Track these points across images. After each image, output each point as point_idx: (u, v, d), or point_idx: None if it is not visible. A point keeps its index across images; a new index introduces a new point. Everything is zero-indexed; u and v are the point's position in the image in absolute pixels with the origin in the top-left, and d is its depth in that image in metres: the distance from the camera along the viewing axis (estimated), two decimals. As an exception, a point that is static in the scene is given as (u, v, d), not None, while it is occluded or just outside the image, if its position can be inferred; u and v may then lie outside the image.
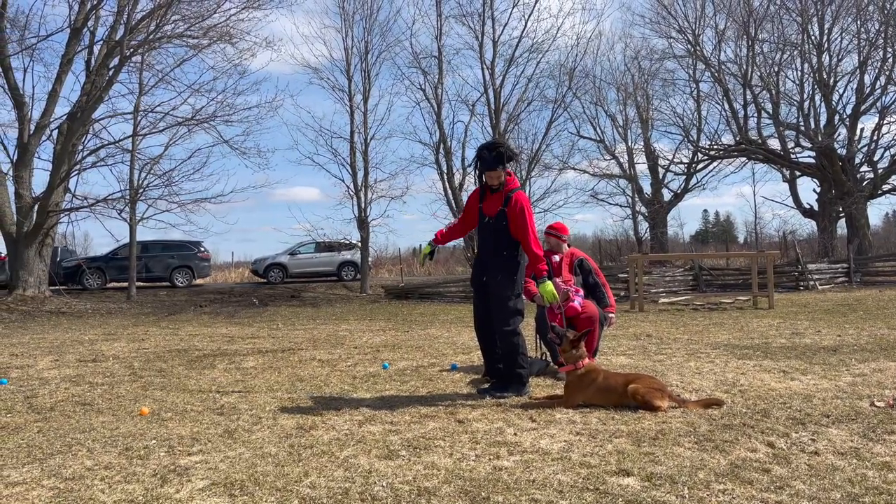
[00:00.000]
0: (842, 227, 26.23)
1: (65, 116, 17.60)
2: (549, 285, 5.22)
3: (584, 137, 29.55)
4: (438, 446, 3.82)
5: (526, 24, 24.39)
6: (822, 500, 2.88)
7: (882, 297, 14.69)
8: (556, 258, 6.53)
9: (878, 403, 4.56)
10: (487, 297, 5.32)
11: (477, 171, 5.31)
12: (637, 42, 41.31)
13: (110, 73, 17.42)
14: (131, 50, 17.08)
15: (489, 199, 5.29)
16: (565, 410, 4.58)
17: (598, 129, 29.61)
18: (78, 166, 17.96)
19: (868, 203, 24.98)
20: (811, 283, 18.12)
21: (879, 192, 25.02)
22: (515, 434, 4.04)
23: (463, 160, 24.41)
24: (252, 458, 3.69)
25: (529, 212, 5.23)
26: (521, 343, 5.23)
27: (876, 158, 24.89)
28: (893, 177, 24.77)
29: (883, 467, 3.27)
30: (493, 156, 5.14)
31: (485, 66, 23.84)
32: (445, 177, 23.57)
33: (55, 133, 17.57)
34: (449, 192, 23.58)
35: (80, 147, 18.05)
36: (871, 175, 24.95)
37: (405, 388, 5.58)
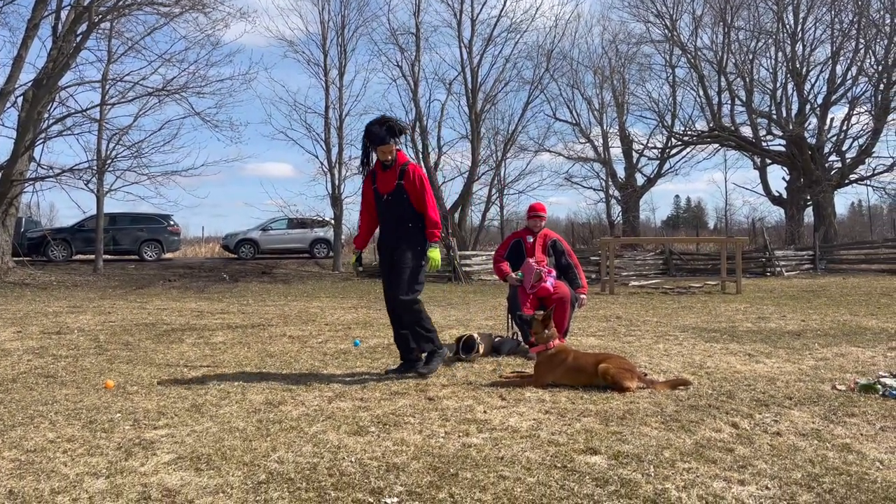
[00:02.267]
0: (809, 215, 26.74)
1: (30, 83, 17.11)
2: (437, 252, 5.21)
3: (560, 120, 29.65)
4: (408, 423, 3.82)
5: (505, 2, 24.31)
6: (784, 479, 2.94)
7: (845, 284, 15.03)
8: (530, 239, 6.55)
9: (839, 387, 4.66)
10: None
11: (364, 156, 5.24)
12: (615, 25, 41.27)
13: (78, 39, 16.93)
14: (100, 16, 16.60)
15: (382, 178, 5.20)
16: (535, 389, 4.61)
17: (573, 112, 29.72)
18: (43, 135, 17.50)
19: (835, 192, 25.44)
20: (778, 269, 18.46)
21: (846, 181, 25.49)
22: (485, 412, 4.05)
23: (439, 139, 24.34)
24: (219, 432, 3.65)
25: (428, 181, 5.23)
26: (423, 310, 5.20)
27: (844, 148, 25.34)
28: (860, 167, 25.24)
29: (843, 448, 3.34)
30: (383, 129, 5.09)
31: (463, 45, 23.71)
32: (421, 156, 23.47)
33: (20, 100, 17.06)
34: (424, 170, 23.49)
35: (46, 115, 17.56)
36: (839, 165, 25.40)
37: (376, 366, 5.57)
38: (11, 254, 17.62)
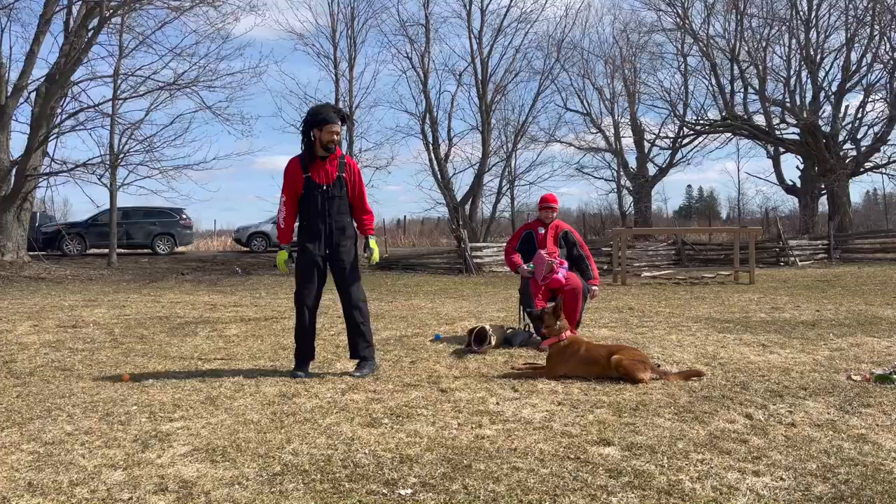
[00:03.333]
0: (823, 204, 26.46)
1: (43, 78, 17.20)
2: (374, 242, 5.16)
3: (571, 110, 29.49)
4: (421, 415, 3.83)
5: (514, -8, 24.15)
6: (798, 470, 2.93)
7: (861, 273, 14.89)
8: (542, 230, 6.54)
9: (854, 377, 4.63)
10: (322, 273, 5.07)
11: (306, 137, 4.95)
12: (626, 14, 41.18)
13: (89, 34, 17.00)
14: (111, 11, 16.65)
15: (318, 167, 4.95)
16: (547, 381, 4.61)
17: (584, 102, 29.53)
18: (56, 130, 17.61)
19: (850, 180, 25.16)
20: (792, 259, 18.32)
21: (861, 169, 25.20)
22: (498, 403, 4.06)
23: (449, 130, 24.33)
24: (234, 424, 3.68)
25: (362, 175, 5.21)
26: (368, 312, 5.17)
27: (859, 136, 25.01)
28: (876, 155, 24.94)
29: (858, 439, 3.33)
30: (330, 110, 4.96)
31: (472, 36, 23.65)
32: (431, 147, 23.46)
33: (33, 95, 17.17)
34: (434, 162, 23.47)
35: (59, 110, 17.67)
36: (853, 153, 25.10)
37: (388, 358, 5.59)
38: (27, 248, 17.79)
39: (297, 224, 5.11)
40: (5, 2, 16.84)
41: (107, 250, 19.72)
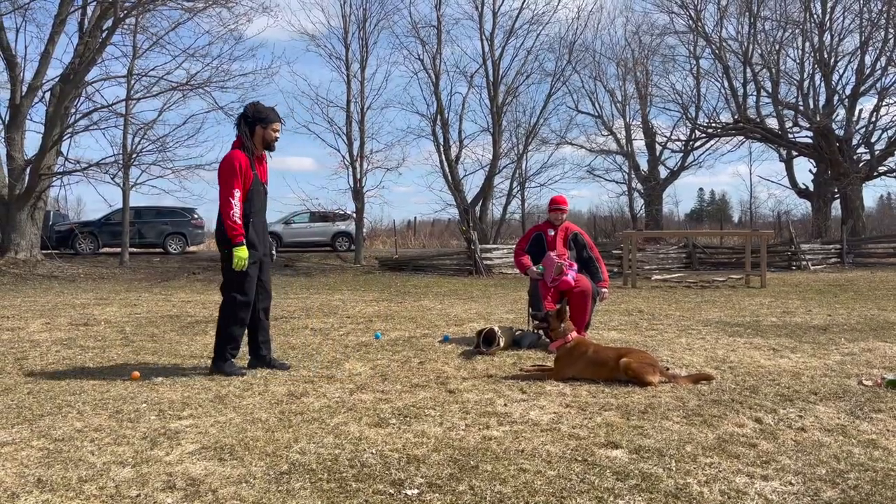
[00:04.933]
0: (836, 208, 26.25)
1: (57, 78, 17.34)
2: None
3: (583, 112, 29.44)
4: (429, 415, 3.83)
5: (526, -6, 24.12)
6: (808, 475, 2.90)
7: (873, 278, 14.77)
8: (552, 232, 6.53)
9: (865, 382, 4.60)
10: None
11: (248, 135, 4.90)
12: (638, 17, 41.18)
13: (104, 34, 17.12)
14: (125, 11, 16.77)
15: (258, 165, 5.01)
16: (555, 383, 4.60)
17: (596, 104, 29.49)
18: (70, 129, 17.74)
19: (863, 185, 24.96)
20: (804, 263, 18.19)
21: (875, 173, 24.98)
22: (505, 405, 4.06)
23: (460, 132, 24.31)
24: (242, 423, 3.69)
25: None
26: None
27: (873, 140, 24.81)
28: (890, 159, 24.72)
29: (869, 444, 3.30)
30: (274, 112, 5.00)
31: (484, 38, 23.61)
32: (442, 149, 23.45)
33: (48, 95, 17.32)
34: (445, 164, 23.47)
35: (73, 110, 17.81)
36: (867, 157, 24.89)
37: (397, 358, 5.60)
38: (40, 247, 17.94)
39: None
40: (20, 2, 16.98)
41: (119, 249, 19.85)
